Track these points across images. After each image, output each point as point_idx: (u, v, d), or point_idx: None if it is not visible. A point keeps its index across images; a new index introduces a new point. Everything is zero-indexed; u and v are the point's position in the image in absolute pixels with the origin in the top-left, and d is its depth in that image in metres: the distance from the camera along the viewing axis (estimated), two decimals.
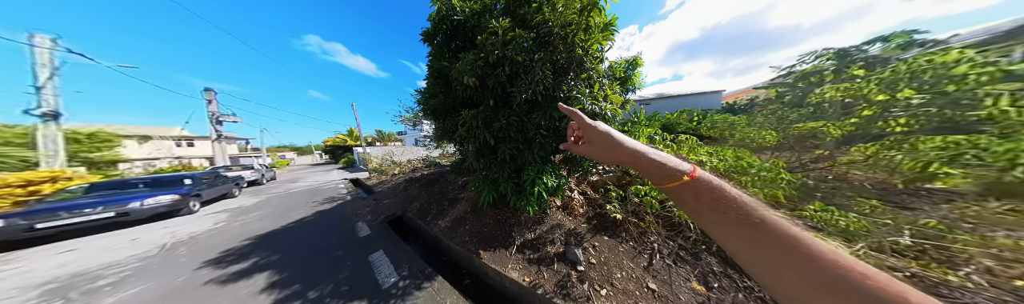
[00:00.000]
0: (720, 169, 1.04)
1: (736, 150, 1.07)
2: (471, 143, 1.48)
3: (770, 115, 1.28)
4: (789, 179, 0.92)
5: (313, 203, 3.53)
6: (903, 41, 1.11)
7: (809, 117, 1.15)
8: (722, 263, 1.03)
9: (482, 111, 1.37)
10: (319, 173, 9.04)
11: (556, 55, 1.17)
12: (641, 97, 7.14)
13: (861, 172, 0.98)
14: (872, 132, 0.95)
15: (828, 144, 1.08)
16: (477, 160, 1.55)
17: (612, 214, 1.38)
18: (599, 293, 1.03)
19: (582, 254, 1.26)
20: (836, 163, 1.05)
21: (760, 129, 1.26)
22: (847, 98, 1.00)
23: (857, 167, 0.97)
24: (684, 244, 1.15)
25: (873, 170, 0.94)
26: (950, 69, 0.86)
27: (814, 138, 1.11)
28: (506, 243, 1.55)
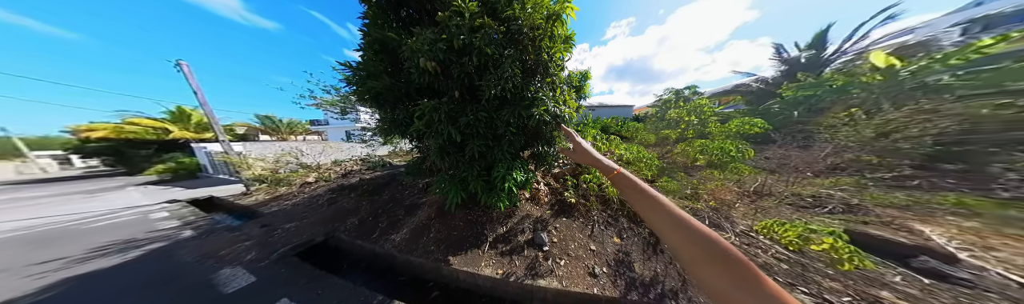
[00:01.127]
0: (629, 158, 1.59)
1: (637, 146, 1.68)
2: (433, 139, 1.21)
3: (651, 125, 2.18)
4: (657, 164, 1.59)
5: (70, 260, 1.58)
6: (693, 90, 2.07)
7: (665, 127, 2.05)
8: (629, 221, 1.52)
9: (445, 103, 1.15)
10: (58, 200, 3.74)
11: (525, 55, 1.14)
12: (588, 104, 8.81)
13: (679, 158, 1.91)
14: (685, 137, 1.90)
15: (671, 143, 2.03)
16: (441, 158, 1.33)
17: (569, 199, 1.65)
18: (559, 264, 1.21)
19: (546, 236, 1.41)
20: (672, 153, 1.91)
21: (647, 133, 2.12)
22: (677, 117, 1.90)
23: (677, 155, 1.88)
24: (611, 213, 1.59)
25: (682, 157, 1.84)
26: (704, 108, 1.87)
27: (666, 139, 2.02)
28: (478, 242, 1.45)
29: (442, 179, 1.43)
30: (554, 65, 1.23)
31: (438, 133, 1.17)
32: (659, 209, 0.24)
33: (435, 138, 1.19)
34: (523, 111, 1.14)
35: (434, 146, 1.27)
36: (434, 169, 1.71)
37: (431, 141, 1.22)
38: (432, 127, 1.17)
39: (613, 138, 1.76)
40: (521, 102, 1.17)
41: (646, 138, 2.14)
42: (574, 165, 2.04)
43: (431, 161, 1.43)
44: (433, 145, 1.27)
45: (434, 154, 1.31)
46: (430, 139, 1.22)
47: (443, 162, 1.31)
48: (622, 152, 1.63)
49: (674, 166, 1.82)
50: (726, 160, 1.51)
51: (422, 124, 1.18)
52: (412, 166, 1.85)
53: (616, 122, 2.39)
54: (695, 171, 1.77)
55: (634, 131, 2.21)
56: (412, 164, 1.87)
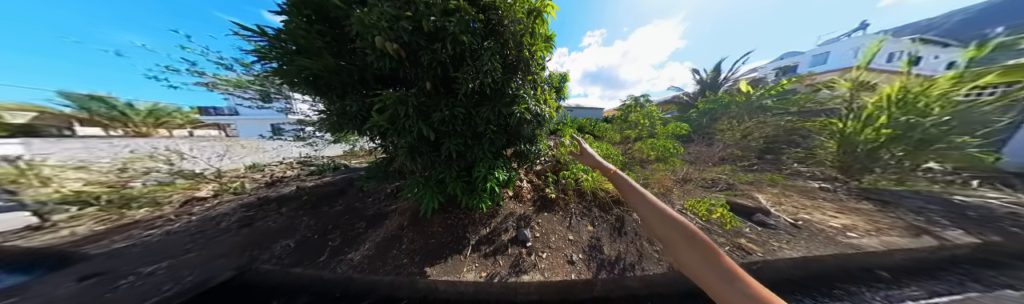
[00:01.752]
0: (600, 155, 1.89)
1: (606, 144, 1.97)
2: (401, 137, 1.03)
3: (616, 126, 2.58)
4: (621, 159, 1.88)
5: None
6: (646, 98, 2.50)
7: (627, 128, 2.46)
8: (600, 210, 1.70)
9: (414, 95, 0.98)
10: None
11: (506, 50, 1.08)
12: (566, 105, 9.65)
13: (637, 154, 2.30)
14: (642, 136, 2.29)
15: (631, 141, 2.42)
16: (412, 159, 1.14)
17: (550, 195, 1.74)
18: (542, 257, 1.25)
19: (530, 232, 1.43)
20: (632, 150, 2.31)
21: (614, 133, 2.48)
22: (636, 120, 2.28)
23: (636, 152, 2.29)
24: (585, 205, 1.76)
25: (639, 153, 2.24)
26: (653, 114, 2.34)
27: (628, 138, 2.43)
28: (459, 248, 1.34)
29: (414, 182, 1.24)
30: (535, 63, 1.21)
31: (406, 130, 1.00)
32: (644, 201, 0.31)
33: (403, 136, 1.00)
34: (503, 108, 1.09)
35: (402, 145, 1.06)
36: (404, 171, 1.46)
37: (398, 139, 1.02)
38: (398, 123, 0.99)
39: (587, 137, 1.97)
40: (502, 99, 1.13)
41: (613, 137, 2.53)
42: (554, 162, 2.16)
43: (400, 162, 1.21)
44: (401, 144, 1.06)
45: (403, 154, 1.11)
46: (396, 137, 1.02)
47: (414, 163, 1.13)
48: (595, 150, 1.89)
49: (633, 160, 2.25)
50: (667, 155, 1.96)
51: (384, 119, 0.97)
52: (375, 169, 1.53)
53: (590, 122, 2.69)
54: (648, 164, 2.20)
55: (604, 131, 2.61)
56: (375, 166, 1.55)
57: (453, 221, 1.59)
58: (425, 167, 1.21)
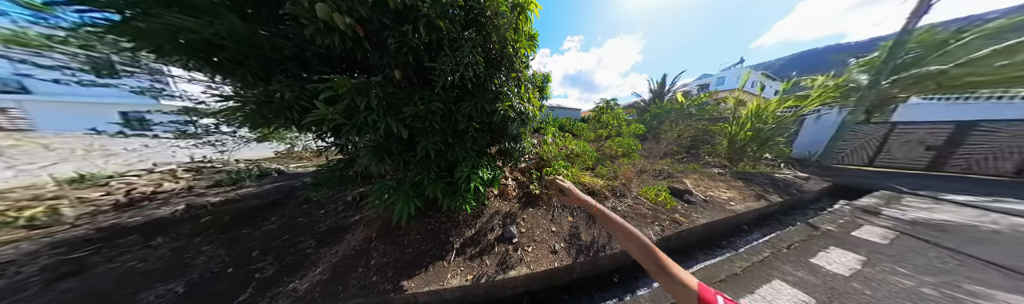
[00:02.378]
0: (578, 151, 2.01)
1: (583, 142, 2.17)
2: (364, 135, 0.85)
3: (591, 125, 2.86)
4: (595, 155, 2.15)
5: None
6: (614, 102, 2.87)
7: (600, 128, 2.74)
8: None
9: (379, 85, 0.83)
10: None
11: (489, 43, 1.03)
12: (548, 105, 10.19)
13: (607, 151, 2.64)
14: (611, 135, 2.64)
15: (602, 139, 2.75)
16: (379, 160, 0.96)
17: (534, 191, 1.83)
18: (528, 251, 1.30)
19: (515, 229, 1.46)
20: (604, 147, 2.63)
21: (590, 132, 2.74)
22: (607, 121, 2.60)
23: (606, 149, 2.63)
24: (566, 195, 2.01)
25: (609, 149, 2.59)
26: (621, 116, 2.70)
27: (600, 136, 2.74)
28: (441, 254, 1.25)
29: (383, 187, 1.06)
30: (519, 61, 1.19)
31: (369, 126, 0.84)
32: (617, 225, 0.40)
33: (365, 132, 0.83)
34: (486, 105, 1.05)
35: (366, 144, 0.88)
36: (369, 175, 1.22)
37: (360, 137, 0.83)
38: (357, 117, 0.81)
39: (567, 135, 2.14)
40: (485, 95, 1.07)
41: (588, 136, 2.83)
42: (538, 159, 2.26)
43: (363, 164, 1.00)
44: (364, 142, 0.87)
45: (367, 155, 0.92)
46: (357, 134, 0.83)
47: (383, 165, 0.97)
48: (574, 147, 2.05)
49: (605, 156, 2.61)
50: (630, 151, 2.36)
51: (336, 111, 0.76)
52: (328, 173, 1.23)
53: (569, 122, 2.95)
54: (615, 159, 2.61)
55: (581, 130, 2.89)
56: (328, 171, 1.25)
57: (434, 226, 1.46)
58: (397, 169, 1.04)
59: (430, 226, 1.45)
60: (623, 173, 2.18)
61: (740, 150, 3.11)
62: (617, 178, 2.10)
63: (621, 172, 2.17)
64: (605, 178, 2.08)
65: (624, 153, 2.40)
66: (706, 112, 5.07)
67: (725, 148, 3.36)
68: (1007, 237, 1.35)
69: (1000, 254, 1.15)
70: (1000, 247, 1.22)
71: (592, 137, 2.79)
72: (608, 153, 2.59)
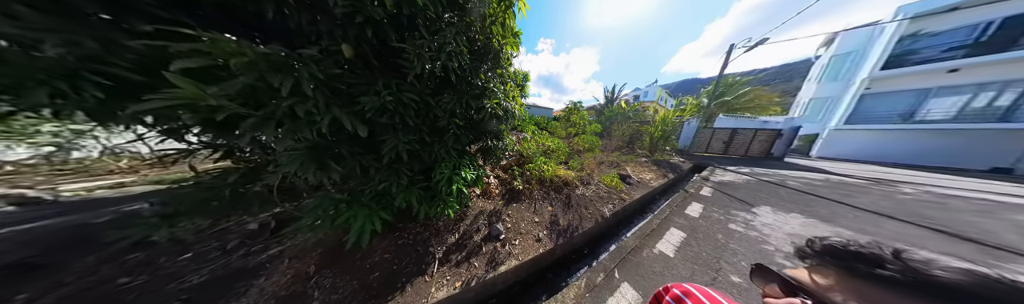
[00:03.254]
0: (553, 147, 2.28)
1: (557, 139, 2.48)
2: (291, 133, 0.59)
3: (562, 124, 3.24)
4: (566, 150, 2.50)
5: None
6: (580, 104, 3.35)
7: (569, 126, 3.16)
8: (555, 192, 2.14)
9: (314, 61, 0.58)
10: None
11: (472, 31, 0.92)
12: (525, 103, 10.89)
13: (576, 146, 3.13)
14: (579, 133, 3.09)
15: (572, 136, 3.21)
16: (322, 169, 0.69)
17: (517, 187, 1.91)
18: (515, 244, 1.36)
19: (502, 226, 1.48)
20: (573, 143, 3.11)
21: (561, 130, 3.10)
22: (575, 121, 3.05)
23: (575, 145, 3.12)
24: (545, 190, 2.15)
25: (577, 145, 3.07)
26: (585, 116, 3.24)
27: (570, 134, 3.18)
28: (420, 268, 1.11)
29: (325, 203, 0.79)
30: (504, 58, 1.14)
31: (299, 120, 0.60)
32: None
33: (294, 131, 0.57)
34: (472, 101, 0.96)
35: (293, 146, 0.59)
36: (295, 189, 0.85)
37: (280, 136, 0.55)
38: (272, 106, 0.57)
39: (544, 133, 2.37)
40: (470, 90, 1.00)
41: (560, 133, 3.21)
42: (518, 156, 2.35)
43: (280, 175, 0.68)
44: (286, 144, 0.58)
45: (294, 161, 0.64)
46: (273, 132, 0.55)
47: (324, 173, 0.70)
48: (550, 144, 2.30)
49: (574, 151, 3.05)
50: (593, 146, 2.92)
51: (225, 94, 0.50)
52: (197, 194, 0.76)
53: (544, 120, 3.24)
54: (582, 153, 3.14)
55: (554, 128, 3.24)
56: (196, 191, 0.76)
57: (408, 239, 1.27)
58: (349, 177, 0.79)
59: (403, 240, 1.24)
60: (588, 165, 2.66)
61: (654, 144, 4.54)
62: (583, 169, 2.54)
63: (586, 164, 2.63)
64: (576, 170, 2.46)
65: (589, 148, 2.90)
66: (638, 116, 6.93)
67: (648, 143, 4.82)
68: (746, 185, 2.92)
69: (745, 194, 2.50)
70: (745, 191, 2.66)
71: (563, 134, 3.19)
72: (576, 148, 3.04)
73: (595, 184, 2.44)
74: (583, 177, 2.49)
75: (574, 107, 3.24)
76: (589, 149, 2.94)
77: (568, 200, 2.08)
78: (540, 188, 2.14)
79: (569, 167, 2.57)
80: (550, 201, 2.02)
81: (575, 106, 3.25)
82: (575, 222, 1.73)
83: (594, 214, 1.89)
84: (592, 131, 3.15)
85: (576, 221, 1.75)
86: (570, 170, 2.46)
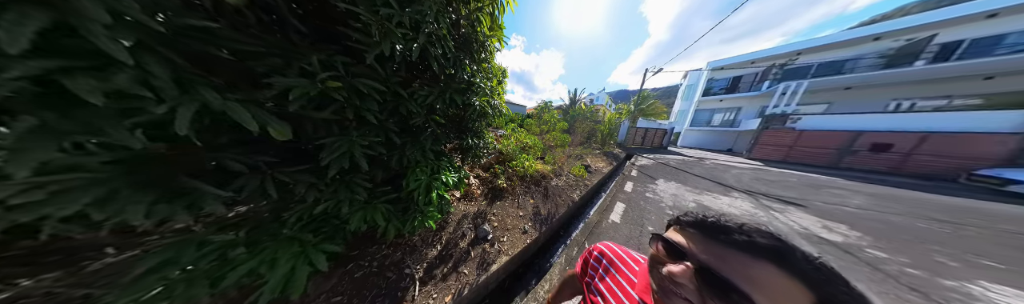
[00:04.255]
0: (527, 143, 2.49)
1: (532, 135, 2.64)
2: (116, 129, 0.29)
3: (535, 121, 3.47)
4: (541, 146, 2.78)
5: None
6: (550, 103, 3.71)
7: (542, 123, 3.43)
8: (534, 186, 2.33)
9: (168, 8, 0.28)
10: None
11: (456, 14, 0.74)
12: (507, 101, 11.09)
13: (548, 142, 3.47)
14: (550, 130, 3.43)
15: (544, 133, 3.51)
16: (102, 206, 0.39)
17: (501, 185, 1.92)
18: (503, 241, 1.37)
19: (489, 226, 1.45)
20: (545, 139, 3.46)
21: (535, 127, 3.33)
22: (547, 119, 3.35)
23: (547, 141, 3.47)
24: (527, 184, 2.29)
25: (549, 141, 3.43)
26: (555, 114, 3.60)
27: (543, 130, 3.48)
28: (395, 294, 0.93)
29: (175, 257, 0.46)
30: (488, 51, 1.02)
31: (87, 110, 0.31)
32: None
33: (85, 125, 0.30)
34: (457, 96, 0.83)
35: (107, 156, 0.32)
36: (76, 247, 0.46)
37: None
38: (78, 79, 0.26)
39: (520, 129, 2.47)
40: (455, 84, 0.85)
41: (534, 130, 3.45)
42: (497, 154, 2.32)
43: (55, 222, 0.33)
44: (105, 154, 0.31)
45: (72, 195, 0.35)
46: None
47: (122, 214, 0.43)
48: (526, 140, 2.45)
49: (547, 147, 3.40)
50: (563, 142, 3.30)
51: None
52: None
53: (519, 117, 3.38)
54: (554, 148, 3.56)
55: (529, 125, 3.44)
56: None
57: (370, 267, 1.02)
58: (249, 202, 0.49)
59: (362, 271, 0.98)
60: (559, 159, 3.06)
61: (604, 139, 5.99)
62: (556, 163, 2.90)
63: (558, 158, 3.03)
64: (550, 164, 2.80)
65: (559, 144, 3.30)
66: (593, 117, 8.51)
67: (600, 138, 6.22)
68: (653, 166, 4.65)
69: (652, 172, 4.00)
70: (652, 170, 4.24)
71: (537, 131, 3.45)
72: (548, 143, 3.40)
73: (566, 175, 2.87)
74: (556, 169, 2.85)
75: (545, 106, 3.53)
76: (560, 145, 3.35)
77: (546, 191, 2.31)
78: (521, 183, 2.24)
79: (545, 161, 2.86)
80: (531, 194, 2.18)
81: (546, 105, 3.55)
82: (553, 210, 1.98)
83: (566, 200, 2.21)
84: (561, 128, 3.60)
85: (553, 209, 2.00)
86: (546, 164, 2.75)
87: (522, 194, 2.12)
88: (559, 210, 2.00)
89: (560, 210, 2.00)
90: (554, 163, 2.92)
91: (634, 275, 0.27)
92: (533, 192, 2.22)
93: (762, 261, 0.15)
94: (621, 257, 0.30)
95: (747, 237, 0.16)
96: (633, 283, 0.26)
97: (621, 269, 0.28)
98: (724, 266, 0.16)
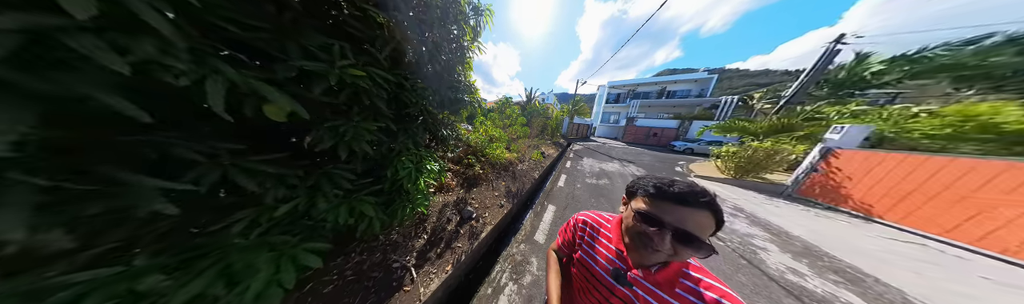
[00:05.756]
0: (495, 135, 2.78)
1: (498, 128, 3.01)
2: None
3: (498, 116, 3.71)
4: (506, 138, 3.17)
5: None
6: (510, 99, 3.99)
7: (505, 117, 3.74)
8: (505, 171, 2.76)
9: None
10: None
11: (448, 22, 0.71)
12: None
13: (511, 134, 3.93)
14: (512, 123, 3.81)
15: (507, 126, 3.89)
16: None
17: (478, 171, 2.17)
18: (486, 217, 1.67)
19: (471, 208, 1.68)
20: (508, 132, 3.91)
21: (499, 120, 3.66)
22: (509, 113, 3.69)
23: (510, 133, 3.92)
24: (497, 170, 2.65)
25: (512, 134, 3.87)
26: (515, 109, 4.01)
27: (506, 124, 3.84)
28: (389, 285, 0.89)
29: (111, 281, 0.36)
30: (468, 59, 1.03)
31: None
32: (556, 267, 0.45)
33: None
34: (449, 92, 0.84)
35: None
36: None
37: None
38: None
39: (488, 122, 2.61)
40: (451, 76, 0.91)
41: (498, 123, 3.70)
42: (466, 146, 2.40)
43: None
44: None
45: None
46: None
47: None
48: (493, 133, 2.68)
49: (511, 139, 3.82)
50: (525, 134, 3.87)
51: None
52: None
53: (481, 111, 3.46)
54: (516, 140, 4.11)
55: (492, 119, 3.61)
56: None
57: (356, 267, 0.96)
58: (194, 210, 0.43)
59: (345, 271, 0.88)
60: (522, 148, 3.68)
61: (553, 132, 7.57)
62: (519, 151, 3.48)
63: (521, 148, 3.63)
64: (515, 152, 3.32)
65: (521, 136, 3.87)
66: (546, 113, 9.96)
67: (551, 131, 7.72)
68: (583, 150, 7.06)
69: (581, 154, 6.31)
70: (581, 153, 6.51)
71: (501, 125, 3.72)
72: (511, 136, 3.84)
73: (528, 160, 3.59)
74: (520, 156, 3.44)
75: (507, 101, 3.76)
76: (523, 136, 3.94)
77: (513, 174, 2.85)
78: (493, 170, 2.61)
79: (511, 150, 3.30)
80: (502, 178, 2.60)
81: (507, 100, 3.79)
82: (521, 187, 2.56)
83: (529, 179, 2.89)
84: (521, 123, 4.09)
85: (521, 186, 2.58)
86: (512, 153, 3.23)
87: (495, 179, 2.48)
88: (525, 186, 2.60)
89: (526, 186, 2.62)
90: (518, 151, 3.46)
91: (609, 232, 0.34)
92: (503, 176, 2.66)
93: (705, 211, 0.23)
94: (598, 221, 0.38)
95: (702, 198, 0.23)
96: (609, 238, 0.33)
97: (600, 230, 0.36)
98: (688, 223, 0.23)
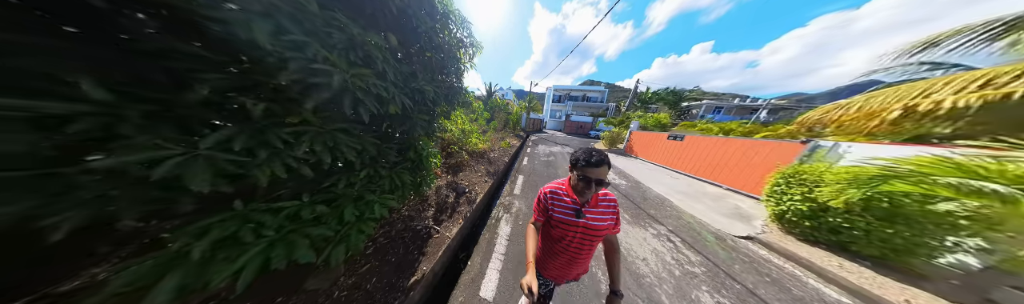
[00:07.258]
0: (469, 129, 3.26)
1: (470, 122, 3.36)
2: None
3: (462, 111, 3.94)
4: (477, 131, 3.63)
5: None
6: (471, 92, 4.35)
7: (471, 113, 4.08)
8: (482, 158, 3.37)
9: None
10: None
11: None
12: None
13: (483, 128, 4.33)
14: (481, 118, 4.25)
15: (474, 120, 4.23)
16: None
17: (464, 158, 2.70)
18: (475, 190, 2.38)
19: (462, 185, 2.32)
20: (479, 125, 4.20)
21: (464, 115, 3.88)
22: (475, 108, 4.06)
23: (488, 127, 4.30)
24: (475, 157, 3.22)
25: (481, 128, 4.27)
26: (481, 105, 4.40)
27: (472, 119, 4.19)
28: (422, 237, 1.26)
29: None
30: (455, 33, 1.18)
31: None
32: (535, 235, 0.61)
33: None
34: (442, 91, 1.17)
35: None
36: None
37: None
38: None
39: (462, 116, 2.93)
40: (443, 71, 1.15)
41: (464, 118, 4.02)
42: (440, 139, 2.70)
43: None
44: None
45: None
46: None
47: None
48: (466, 127, 3.07)
49: (481, 131, 4.23)
50: (493, 127, 4.50)
51: None
52: None
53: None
54: (486, 132, 4.64)
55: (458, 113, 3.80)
56: None
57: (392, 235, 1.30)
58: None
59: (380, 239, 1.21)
60: (492, 139, 4.31)
61: (515, 125, 8.60)
62: (490, 142, 4.09)
63: (491, 138, 4.27)
64: (485, 142, 3.88)
65: (489, 129, 4.44)
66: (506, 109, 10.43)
67: (512, 125, 8.65)
68: (538, 140, 8.88)
69: (537, 142, 8.11)
70: (537, 141, 8.14)
71: (469, 119, 3.99)
72: (481, 129, 4.26)
73: (498, 149, 4.31)
74: (491, 146, 4.06)
75: (473, 97, 3.99)
76: (489, 130, 4.57)
77: (489, 161, 3.56)
78: (472, 158, 3.21)
79: (483, 141, 3.82)
80: (481, 163, 3.19)
81: (469, 94, 3.97)
82: (497, 169, 3.32)
83: (502, 162, 3.72)
84: (486, 117, 4.54)
85: (497, 168, 3.33)
86: (486, 143, 3.81)
87: (475, 164, 3.01)
88: (500, 168, 3.35)
89: (500, 168, 3.38)
90: (489, 142, 4.03)
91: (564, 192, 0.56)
92: (481, 161, 3.25)
93: (605, 166, 0.50)
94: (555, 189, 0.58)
95: (603, 158, 0.49)
96: (565, 195, 0.55)
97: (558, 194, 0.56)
98: (600, 174, 0.50)
